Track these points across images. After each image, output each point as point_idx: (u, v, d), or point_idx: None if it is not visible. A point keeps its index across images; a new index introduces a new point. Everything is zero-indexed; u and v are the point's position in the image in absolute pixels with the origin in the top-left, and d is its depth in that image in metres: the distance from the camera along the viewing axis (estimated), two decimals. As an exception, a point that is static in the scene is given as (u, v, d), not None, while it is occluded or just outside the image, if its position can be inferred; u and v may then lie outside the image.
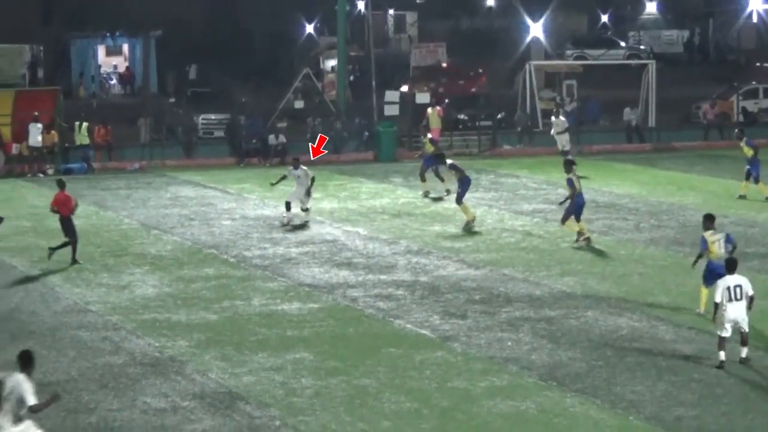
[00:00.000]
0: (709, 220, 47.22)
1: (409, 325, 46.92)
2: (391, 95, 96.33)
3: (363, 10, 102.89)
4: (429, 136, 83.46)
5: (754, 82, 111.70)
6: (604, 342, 44.24)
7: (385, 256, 59.07)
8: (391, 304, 50.14)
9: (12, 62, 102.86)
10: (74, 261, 58.65)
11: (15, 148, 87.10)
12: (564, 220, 59.48)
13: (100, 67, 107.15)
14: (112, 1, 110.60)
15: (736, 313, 37.95)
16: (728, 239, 46.01)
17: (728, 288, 38.49)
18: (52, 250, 58.84)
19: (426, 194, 77.53)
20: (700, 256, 45.39)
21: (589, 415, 36.61)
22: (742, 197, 73.12)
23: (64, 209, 58.68)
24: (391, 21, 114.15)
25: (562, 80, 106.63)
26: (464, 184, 65.07)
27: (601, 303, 49.79)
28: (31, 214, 70.92)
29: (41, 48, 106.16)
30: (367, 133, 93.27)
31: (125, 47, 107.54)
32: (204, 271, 56.49)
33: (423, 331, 46.10)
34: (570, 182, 58.60)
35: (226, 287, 53.15)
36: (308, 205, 64.01)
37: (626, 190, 78.37)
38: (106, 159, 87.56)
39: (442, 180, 77.88)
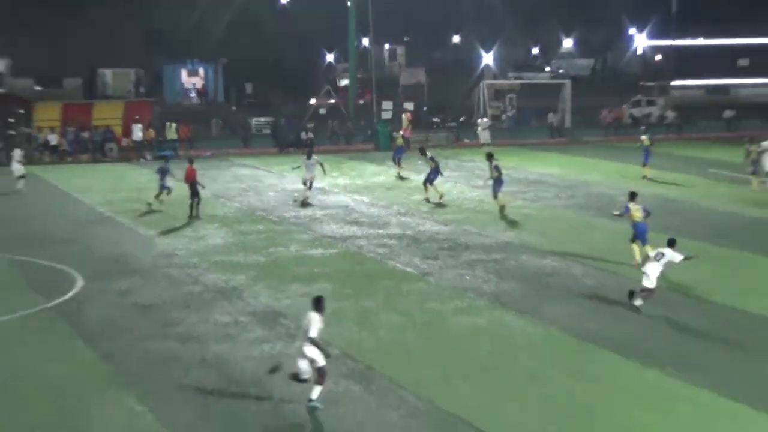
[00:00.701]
0: (632, 195, 45.83)
1: (398, 265, 47.66)
2: (386, 104, 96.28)
3: (367, 45, 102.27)
4: (401, 133, 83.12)
5: (638, 95, 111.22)
6: (534, 276, 45.19)
7: (381, 217, 59.25)
8: (386, 250, 50.51)
9: (122, 81, 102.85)
10: (193, 216, 59.27)
11: (124, 142, 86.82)
12: (495, 195, 59.01)
13: (183, 84, 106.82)
14: (192, 38, 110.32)
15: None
16: (644, 209, 45.01)
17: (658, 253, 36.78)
18: (192, 210, 59.85)
19: (399, 175, 77.02)
20: (621, 215, 45.14)
21: (523, 328, 37.40)
22: (645, 178, 72.21)
23: (189, 177, 59.32)
24: (386, 53, 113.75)
25: (505, 94, 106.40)
26: (435, 172, 64.43)
27: (531, 249, 50.24)
28: (134, 187, 70.64)
29: (142, 71, 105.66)
30: (369, 131, 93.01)
31: (201, 70, 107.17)
32: (256, 227, 56.69)
33: (408, 269, 46.81)
34: (496, 167, 58.38)
35: (271, 238, 53.32)
36: (313, 184, 63.80)
37: (549, 170, 78.11)
38: (188, 148, 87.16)
39: (400, 166, 77.78)
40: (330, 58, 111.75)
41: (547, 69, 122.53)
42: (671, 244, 32.27)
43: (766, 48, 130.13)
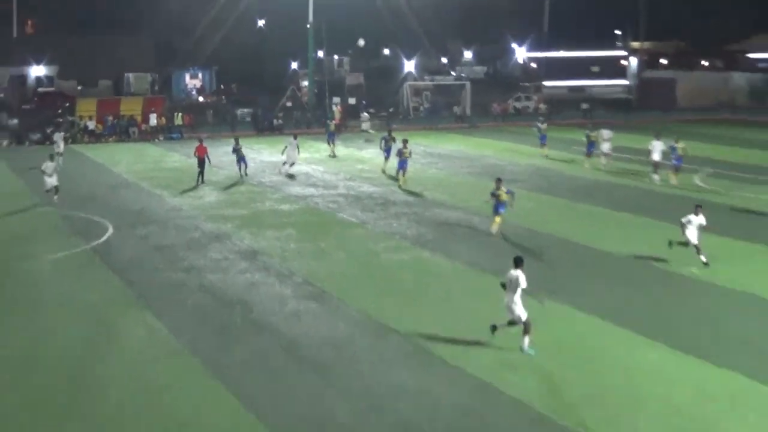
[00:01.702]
0: (498, 181, 42.96)
1: (344, 216, 47.12)
2: (335, 100, 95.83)
3: (322, 56, 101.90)
4: (334, 121, 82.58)
5: (519, 93, 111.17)
6: (443, 224, 45.02)
7: (332, 182, 58.47)
8: (335, 205, 50.05)
9: (141, 83, 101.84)
10: (201, 182, 58.03)
11: (143, 127, 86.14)
12: (403, 172, 58.14)
13: (186, 84, 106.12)
14: (193, 50, 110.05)
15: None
16: (509, 191, 42.54)
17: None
18: (200, 177, 58.43)
19: (332, 153, 74.33)
20: (493, 195, 41.97)
21: (436, 262, 37.45)
22: (545, 157, 70.01)
23: (201, 152, 58.38)
24: (335, 62, 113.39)
25: (422, 92, 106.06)
26: (388, 151, 62.98)
27: (442, 205, 50.00)
28: (151, 160, 69.95)
29: (156, 75, 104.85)
30: (323, 119, 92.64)
31: (200, 74, 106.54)
32: (240, 189, 55.96)
33: (351, 219, 46.55)
34: (399, 151, 57.58)
35: (251, 197, 52.71)
36: (296, 161, 63.12)
37: (455, 147, 77.47)
38: (190, 132, 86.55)
39: (332, 146, 75.33)
40: (294, 65, 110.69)
41: (453, 74, 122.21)
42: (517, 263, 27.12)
43: (610, 59, 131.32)
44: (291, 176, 61.26)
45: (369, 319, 29.53)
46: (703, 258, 35.28)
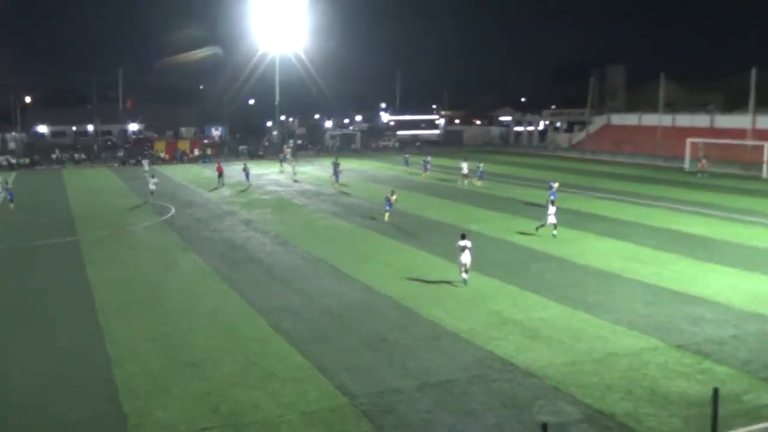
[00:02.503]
0: (392, 192, 38.45)
1: (295, 201, 46.13)
2: (290, 142, 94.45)
3: (283, 118, 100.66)
4: (286, 152, 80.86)
5: (384, 137, 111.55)
6: (348, 205, 44.40)
7: (289, 184, 57.44)
8: (290, 196, 49.00)
9: (189, 132, 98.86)
10: (222, 185, 54.46)
11: (190, 156, 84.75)
12: (336, 180, 57.07)
13: (212, 132, 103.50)
14: (217, 115, 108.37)
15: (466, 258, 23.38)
16: (388, 200, 37.52)
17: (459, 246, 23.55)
18: (219, 182, 55.48)
19: (281, 169, 69.09)
20: (388, 208, 37.42)
21: (346, 226, 37.38)
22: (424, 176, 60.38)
23: (219, 170, 56.57)
24: (291, 120, 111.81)
25: (337, 136, 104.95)
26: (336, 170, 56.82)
27: (348, 195, 48.85)
28: (194, 173, 68.64)
29: (197, 128, 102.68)
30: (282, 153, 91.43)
31: (220, 128, 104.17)
32: (241, 188, 54.43)
33: (299, 203, 45.23)
34: (338, 165, 56.40)
35: (248, 192, 51.97)
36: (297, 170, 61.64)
37: (353, 166, 75.76)
38: (215, 158, 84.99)
39: (281, 166, 70.52)
40: (269, 123, 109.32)
41: (351, 127, 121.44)
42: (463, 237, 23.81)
43: (430, 120, 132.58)
44: (296, 180, 59.28)
45: (310, 254, 29.28)
46: (555, 226, 32.52)
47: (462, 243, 23.63)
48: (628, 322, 19.44)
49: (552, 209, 32.67)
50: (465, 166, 55.67)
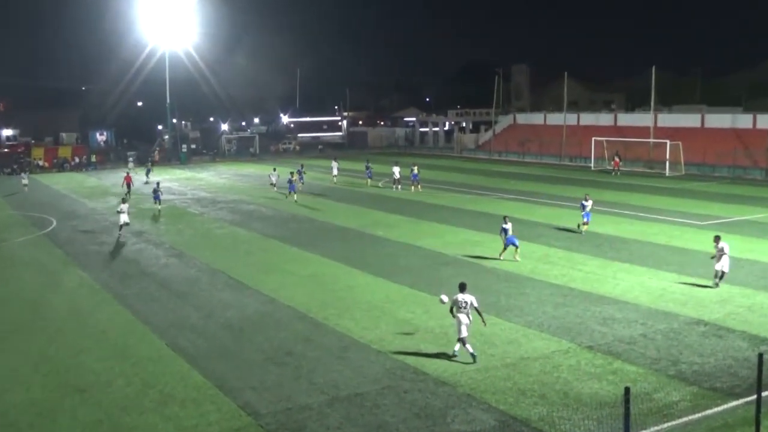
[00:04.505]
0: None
1: (191, 209, 45.25)
2: (184, 147, 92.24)
3: (175, 120, 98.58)
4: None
5: (285, 140, 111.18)
6: (245, 212, 44.07)
7: (184, 191, 55.27)
8: (186, 204, 48.25)
9: (70, 138, 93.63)
10: (129, 195, 49.55)
11: (72, 163, 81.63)
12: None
13: (98, 138, 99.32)
14: (101, 118, 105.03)
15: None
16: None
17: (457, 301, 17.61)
18: (127, 194, 50.20)
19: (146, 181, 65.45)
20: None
21: (242, 233, 36.78)
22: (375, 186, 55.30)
23: (128, 180, 52.52)
24: (183, 124, 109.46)
25: (233, 140, 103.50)
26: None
27: (244, 201, 48.27)
28: (77, 182, 66.00)
29: (79, 133, 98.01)
30: (177, 157, 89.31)
31: (105, 133, 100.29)
32: (133, 197, 53.41)
33: (195, 211, 44.51)
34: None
35: (139, 201, 50.38)
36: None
37: (251, 171, 74.36)
38: (101, 166, 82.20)
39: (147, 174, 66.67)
40: (160, 126, 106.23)
41: (248, 130, 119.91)
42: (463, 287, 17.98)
43: (333, 121, 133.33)
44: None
45: (207, 266, 28.95)
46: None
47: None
48: (540, 325, 20.01)
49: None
50: (397, 171, 53.66)
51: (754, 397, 12.80)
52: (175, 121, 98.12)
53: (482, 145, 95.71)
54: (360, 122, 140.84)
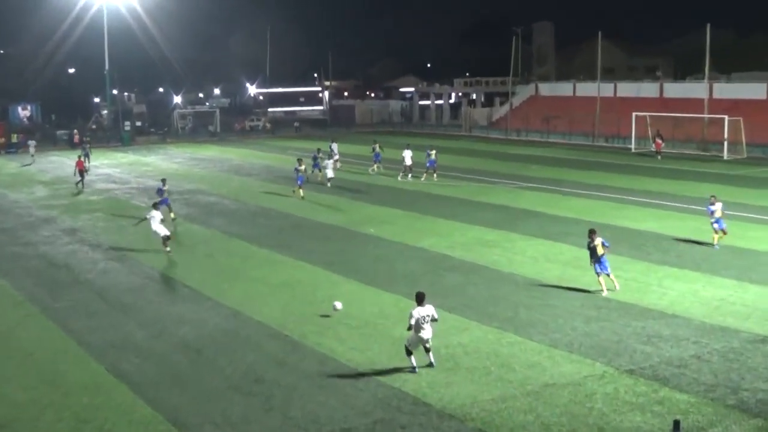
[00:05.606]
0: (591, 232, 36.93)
1: (135, 202, 45.17)
2: (126, 124, 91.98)
3: (116, 92, 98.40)
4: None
5: (252, 116, 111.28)
6: (205, 205, 44.14)
7: (126, 179, 55.55)
8: (129, 195, 48.23)
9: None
10: (82, 188, 50.96)
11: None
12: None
13: (20, 113, 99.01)
14: (23, 90, 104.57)
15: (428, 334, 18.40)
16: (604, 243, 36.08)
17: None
18: (80, 183, 51.61)
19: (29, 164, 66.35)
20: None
21: (201, 231, 36.70)
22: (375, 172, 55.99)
23: (80, 165, 51.75)
24: (126, 96, 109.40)
25: (187, 116, 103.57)
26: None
27: (204, 192, 48.49)
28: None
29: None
30: (118, 137, 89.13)
31: (29, 107, 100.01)
32: (63, 186, 53.19)
33: (141, 204, 43.91)
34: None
35: (70, 191, 50.25)
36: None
37: (211, 154, 74.23)
38: (22, 146, 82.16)
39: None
40: (97, 99, 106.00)
41: (207, 104, 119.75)
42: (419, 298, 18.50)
43: (311, 92, 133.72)
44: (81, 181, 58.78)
45: (157, 272, 29.08)
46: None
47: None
48: (569, 344, 19.88)
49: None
50: (408, 156, 52.39)
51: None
52: (115, 92, 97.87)
53: (497, 121, 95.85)
54: (345, 94, 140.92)
